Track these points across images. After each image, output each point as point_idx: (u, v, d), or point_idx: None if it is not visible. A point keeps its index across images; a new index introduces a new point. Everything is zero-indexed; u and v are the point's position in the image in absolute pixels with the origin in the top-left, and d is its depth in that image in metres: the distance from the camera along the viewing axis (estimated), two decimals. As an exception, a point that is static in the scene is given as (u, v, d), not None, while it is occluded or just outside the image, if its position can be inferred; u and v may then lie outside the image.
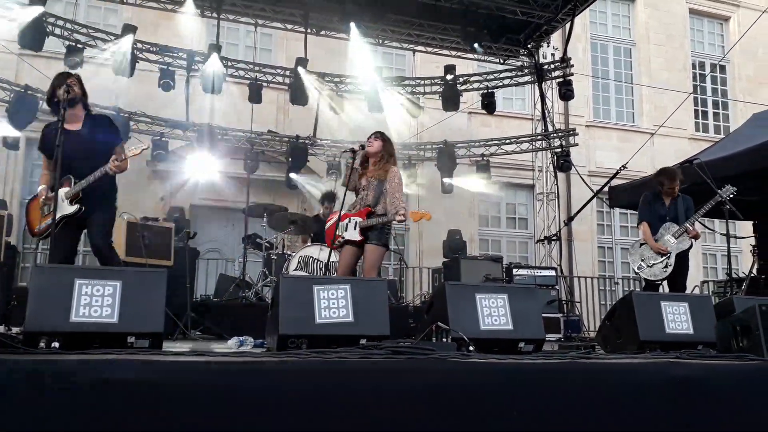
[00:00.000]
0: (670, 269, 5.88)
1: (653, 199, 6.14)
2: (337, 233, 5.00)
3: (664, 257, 5.88)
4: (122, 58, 9.23)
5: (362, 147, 5.11)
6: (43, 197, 4.28)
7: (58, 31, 9.24)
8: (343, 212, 4.97)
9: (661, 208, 6.06)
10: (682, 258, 5.95)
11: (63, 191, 4.20)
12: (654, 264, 5.92)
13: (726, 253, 6.32)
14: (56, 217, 4.07)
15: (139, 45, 9.57)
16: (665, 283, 6.04)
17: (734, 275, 7.43)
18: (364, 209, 4.99)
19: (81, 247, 4.59)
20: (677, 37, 15.47)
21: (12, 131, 9.09)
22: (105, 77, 9.79)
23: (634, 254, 6.13)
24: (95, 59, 9.71)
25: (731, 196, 5.86)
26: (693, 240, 5.93)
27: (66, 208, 4.18)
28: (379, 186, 5.01)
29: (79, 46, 9.22)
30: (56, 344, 2.82)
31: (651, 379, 2.89)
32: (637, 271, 6.06)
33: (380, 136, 5.21)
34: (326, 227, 5.20)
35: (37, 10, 8.66)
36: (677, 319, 4.13)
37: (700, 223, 6.11)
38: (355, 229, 4.93)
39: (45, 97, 8.18)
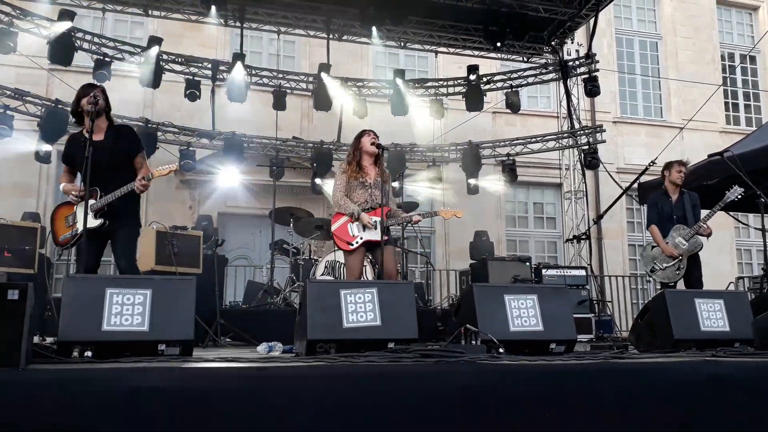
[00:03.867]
0: (683, 271, 5.82)
1: (660, 198, 6.09)
2: (352, 234, 4.86)
3: (675, 260, 5.82)
4: (149, 70, 9.37)
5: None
6: (76, 192, 4.30)
7: (86, 45, 9.42)
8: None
9: (669, 207, 6.00)
10: (694, 257, 5.89)
11: (89, 203, 4.25)
12: (667, 267, 5.86)
13: (762, 248, 6.16)
14: (80, 231, 4.14)
15: (164, 56, 9.71)
16: (681, 282, 5.95)
17: (771, 270, 7.22)
18: (383, 209, 4.82)
19: (112, 257, 4.65)
20: (705, 28, 15.17)
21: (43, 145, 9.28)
22: (132, 89, 9.97)
23: (645, 257, 6.09)
24: (123, 72, 9.89)
25: (739, 197, 5.77)
26: (706, 237, 5.87)
27: (90, 222, 4.20)
28: (381, 186, 4.91)
29: (106, 59, 9.38)
30: (89, 353, 2.87)
31: (687, 379, 2.82)
32: (650, 274, 6.01)
33: None
34: (334, 228, 4.93)
35: (65, 26, 8.84)
36: (712, 316, 4.04)
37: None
38: (376, 228, 4.79)
39: (71, 108, 8.34)
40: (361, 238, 4.85)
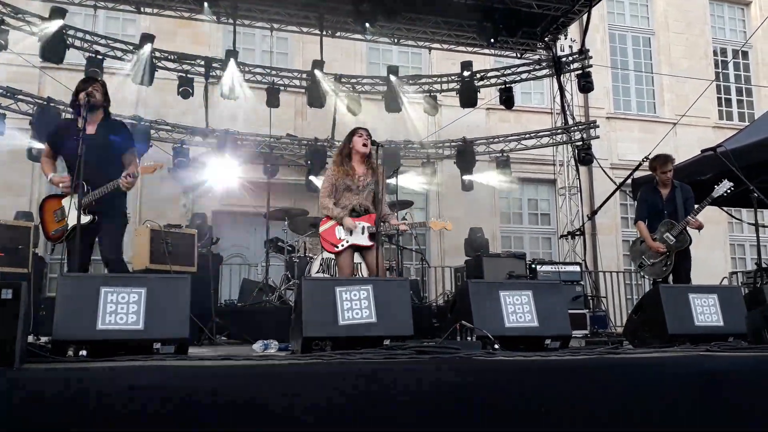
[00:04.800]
0: (670, 267, 5.78)
1: (650, 193, 6.05)
2: (338, 236, 4.93)
3: (663, 256, 5.79)
4: (141, 68, 9.33)
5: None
6: (65, 183, 4.30)
7: (78, 43, 9.37)
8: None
9: (659, 202, 5.95)
10: (683, 252, 5.84)
11: (74, 199, 4.23)
12: (654, 263, 5.83)
13: (755, 243, 6.19)
14: (70, 227, 4.15)
15: (157, 54, 9.66)
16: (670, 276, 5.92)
17: (764, 265, 7.27)
18: (372, 216, 4.94)
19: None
20: (697, 24, 15.22)
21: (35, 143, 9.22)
22: (125, 87, 9.93)
23: (633, 252, 6.07)
24: (115, 69, 9.85)
25: (729, 191, 5.75)
26: (697, 231, 5.83)
27: (77, 217, 4.20)
28: (372, 187, 4.99)
29: (99, 57, 9.33)
30: (84, 352, 2.86)
31: (681, 373, 2.84)
32: (638, 269, 5.98)
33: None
34: (322, 230, 5.06)
35: (57, 24, 8.79)
36: (706, 311, 4.06)
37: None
38: (363, 234, 4.90)
39: (67, 109, 8.34)
40: (347, 242, 4.91)
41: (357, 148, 5.01)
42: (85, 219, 4.20)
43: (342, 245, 4.91)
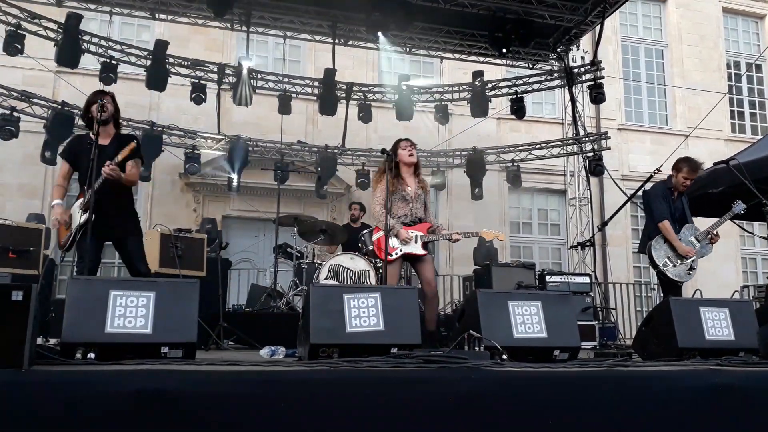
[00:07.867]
0: (694, 273, 5.64)
1: (666, 192, 5.82)
2: (392, 245, 4.97)
3: (689, 260, 5.63)
4: (155, 73, 9.40)
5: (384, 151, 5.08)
6: (58, 216, 4.35)
7: (93, 48, 9.46)
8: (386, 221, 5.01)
9: (671, 205, 5.77)
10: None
11: (78, 203, 4.33)
12: (679, 264, 5.65)
13: (767, 257, 6.12)
14: (73, 229, 4.20)
15: (171, 59, 9.74)
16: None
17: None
18: (425, 224, 5.10)
19: (116, 259, 4.67)
20: (711, 36, 15.16)
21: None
22: (138, 92, 10.02)
23: (658, 249, 5.71)
24: (129, 75, 9.94)
25: (743, 212, 5.69)
26: (711, 244, 5.74)
27: (79, 218, 4.28)
28: (422, 198, 5.16)
29: (113, 62, 9.42)
30: (92, 355, 2.87)
31: (691, 387, 2.81)
32: (662, 268, 5.67)
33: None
34: (375, 238, 5.23)
35: (72, 28, 8.88)
36: (717, 324, 4.01)
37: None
38: (417, 242, 5.02)
39: (81, 113, 8.40)
40: (400, 250, 5.01)
41: (404, 159, 5.13)
42: (83, 217, 4.23)
43: (395, 254, 5.00)
